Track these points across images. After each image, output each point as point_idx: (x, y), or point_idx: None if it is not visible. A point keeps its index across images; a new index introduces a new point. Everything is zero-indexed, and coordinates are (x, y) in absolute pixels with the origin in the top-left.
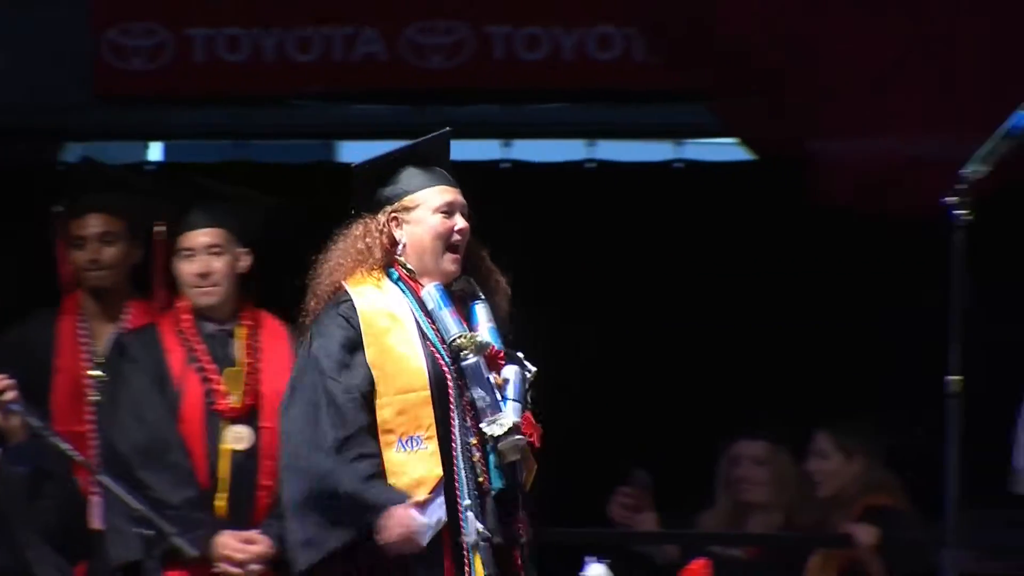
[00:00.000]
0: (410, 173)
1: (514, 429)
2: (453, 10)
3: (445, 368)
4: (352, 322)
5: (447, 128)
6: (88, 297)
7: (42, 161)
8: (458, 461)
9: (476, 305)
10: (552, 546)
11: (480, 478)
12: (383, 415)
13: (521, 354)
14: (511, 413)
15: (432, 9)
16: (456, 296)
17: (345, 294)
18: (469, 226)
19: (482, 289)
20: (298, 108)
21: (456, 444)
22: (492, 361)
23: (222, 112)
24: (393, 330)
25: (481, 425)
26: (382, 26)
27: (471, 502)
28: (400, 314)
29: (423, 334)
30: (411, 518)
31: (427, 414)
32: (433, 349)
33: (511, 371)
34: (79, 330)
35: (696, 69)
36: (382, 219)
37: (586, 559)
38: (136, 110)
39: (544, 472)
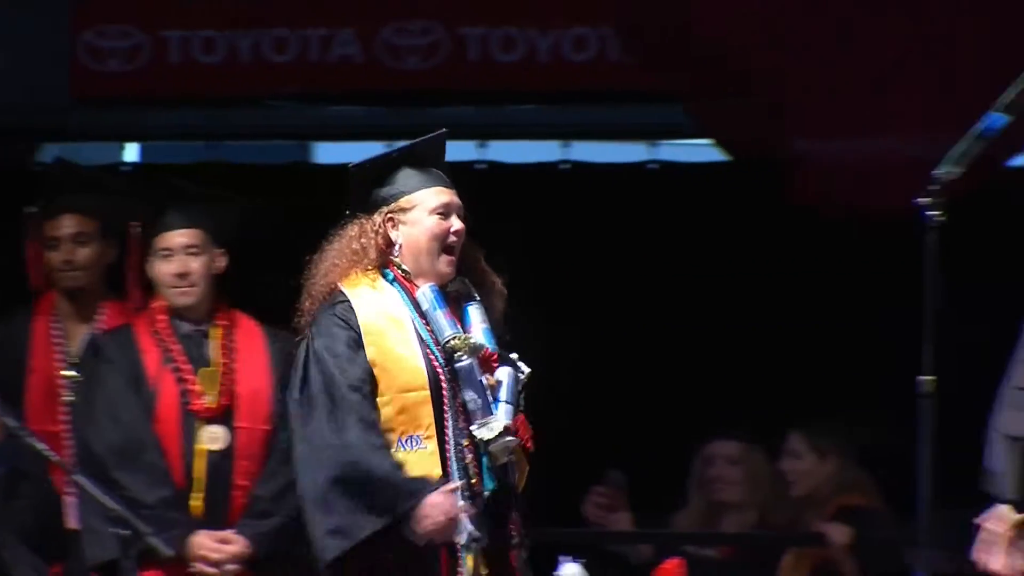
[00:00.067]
0: (406, 174)
1: (505, 431)
2: (428, 11)
3: (439, 369)
4: (350, 323)
5: (443, 129)
6: (62, 298)
7: (19, 162)
8: (452, 463)
9: (470, 306)
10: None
11: (473, 480)
12: (384, 414)
13: (515, 355)
14: (503, 415)
15: (408, 10)
16: (451, 297)
17: (341, 295)
18: (465, 227)
19: (477, 290)
20: (274, 109)
21: (450, 445)
22: (485, 363)
23: (198, 113)
24: (392, 331)
25: (472, 428)
26: (358, 27)
27: (464, 503)
28: (398, 315)
29: (418, 335)
30: (452, 503)
31: (427, 414)
32: (428, 350)
33: (504, 373)
34: (53, 330)
35: (671, 70)
36: (378, 220)
37: (560, 558)
38: (112, 111)
39: None
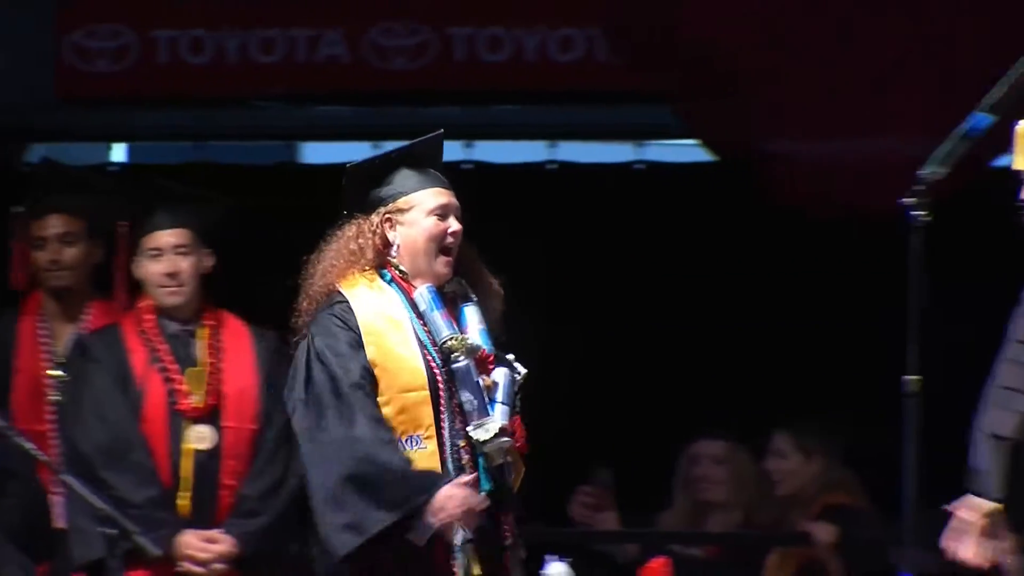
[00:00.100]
0: (404, 175)
1: (501, 432)
2: (415, 12)
3: (436, 370)
4: (349, 323)
5: (440, 130)
6: (49, 297)
7: (6, 162)
8: (448, 463)
9: (466, 307)
10: None
11: None
12: (384, 413)
13: (512, 356)
14: (498, 417)
15: (395, 11)
16: (448, 298)
17: (339, 295)
18: (462, 228)
19: (474, 291)
20: (261, 110)
21: (446, 446)
22: (482, 364)
23: (185, 113)
24: (391, 331)
25: (468, 429)
26: (345, 28)
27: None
28: (396, 315)
29: (416, 336)
30: (466, 495)
31: (427, 414)
32: (425, 351)
33: (500, 374)
34: (39, 330)
35: (658, 71)
36: (375, 220)
37: (547, 558)
38: (100, 111)
39: None
